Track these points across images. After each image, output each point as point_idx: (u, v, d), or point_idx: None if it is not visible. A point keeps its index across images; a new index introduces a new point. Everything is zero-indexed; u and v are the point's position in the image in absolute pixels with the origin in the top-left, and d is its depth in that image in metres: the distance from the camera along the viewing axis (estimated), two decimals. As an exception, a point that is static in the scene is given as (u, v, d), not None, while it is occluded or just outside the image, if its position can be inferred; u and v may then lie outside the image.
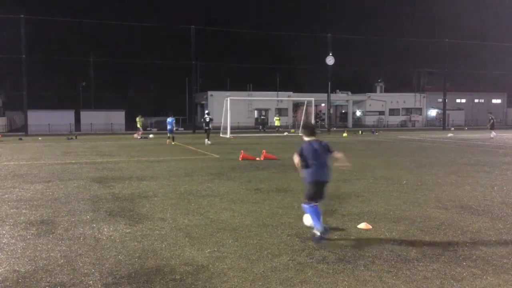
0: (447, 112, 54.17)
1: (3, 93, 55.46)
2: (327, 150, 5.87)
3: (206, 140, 24.11)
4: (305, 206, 5.81)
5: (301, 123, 6.62)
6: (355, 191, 9.17)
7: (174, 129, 24.89)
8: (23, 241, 5.67)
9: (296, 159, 5.80)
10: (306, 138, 5.92)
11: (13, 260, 4.96)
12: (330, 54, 42.40)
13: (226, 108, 32.05)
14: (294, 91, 59.83)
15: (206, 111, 27.76)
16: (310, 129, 6.01)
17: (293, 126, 47.96)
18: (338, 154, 6.03)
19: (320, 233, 5.57)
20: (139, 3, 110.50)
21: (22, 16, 38.23)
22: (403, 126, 59.47)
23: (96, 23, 71.35)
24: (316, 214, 5.66)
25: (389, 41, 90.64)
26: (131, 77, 79.43)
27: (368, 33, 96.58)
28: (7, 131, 44.92)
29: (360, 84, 71.98)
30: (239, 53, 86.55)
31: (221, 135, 33.35)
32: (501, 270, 4.64)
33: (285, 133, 35.84)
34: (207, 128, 24.49)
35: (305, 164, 5.79)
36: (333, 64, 42.64)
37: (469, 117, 63.69)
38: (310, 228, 5.81)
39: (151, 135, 32.34)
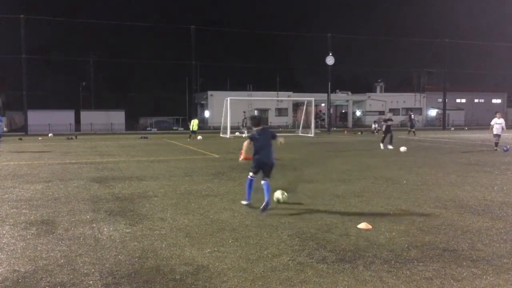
0: (447, 112, 54.15)
1: (3, 93, 55.43)
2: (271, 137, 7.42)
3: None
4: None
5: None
6: (355, 191, 9.17)
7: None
8: (23, 241, 5.67)
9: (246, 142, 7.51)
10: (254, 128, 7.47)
11: (13, 260, 4.96)
12: (330, 54, 42.40)
13: (226, 108, 32.06)
14: (294, 91, 59.84)
15: (244, 112, 33.43)
16: (257, 120, 7.60)
17: (293, 126, 47.93)
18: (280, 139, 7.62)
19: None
20: (139, 3, 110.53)
21: (22, 16, 38.25)
22: (403, 126, 59.47)
23: (96, 23, 71.34)
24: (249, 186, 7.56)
25: (389, 41, 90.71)
26: (131, 77, 79.42)
27: (368, 33, 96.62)
28: (7, 131, 44.89)
29: (360, 84, 72.05)
30: (239, 53, 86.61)
31: (221, 135, 33.34)
32: (501, 270, 4.64)
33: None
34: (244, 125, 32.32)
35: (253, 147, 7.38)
36: (333, 64, 42.64)
37: (469, 117, 63.69)
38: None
39: (199, 137, 30.01)
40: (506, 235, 5.96)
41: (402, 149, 18.61)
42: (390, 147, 19.69)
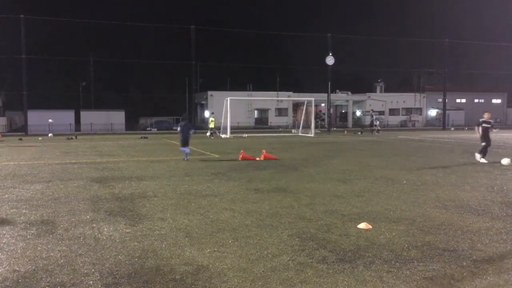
0: (447, 112, 54.13)
1: (3, 93, 55.42)
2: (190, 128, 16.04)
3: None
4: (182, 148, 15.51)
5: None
6: (355, 191, 9.17)
7: None
8: (23, 241, 5.67)
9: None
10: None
11: (13, 260, 4.96)
12: (330, 54, 42.39)
13: (226, 108, 32.06)
14: (294, 91, 59.82)
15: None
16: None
17: (293, 126, 47.96)
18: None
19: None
20: (139, 3, 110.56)
21: (22, 16, 38.25)
22: (403, 126, 59.48)
23: (96, 23, 71.40)
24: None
25: (389, 41, 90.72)
26: (131, 77, 79.46)
27: (368, 33, 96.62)
28: (7, 131, 44.90)
29: (360, 84, 71.98)
30: (239, 53, 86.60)
31: (221, 135, 33.33)
32: (501, 270, 4.64)
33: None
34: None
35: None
36: (333, 64, 42.63)
37: (469, 117, 63.67)
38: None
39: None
40: (506, 235, 5.96)
41: (505, 161, 13.87)
42: (483, 160, 14.54)
